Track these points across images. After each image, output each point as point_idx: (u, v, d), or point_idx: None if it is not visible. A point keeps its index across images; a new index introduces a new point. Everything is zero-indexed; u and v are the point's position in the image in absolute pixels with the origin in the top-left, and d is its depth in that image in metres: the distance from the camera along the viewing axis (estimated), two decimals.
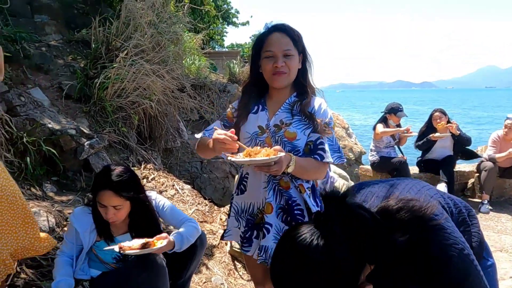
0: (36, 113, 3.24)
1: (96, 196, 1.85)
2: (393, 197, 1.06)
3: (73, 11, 5.53)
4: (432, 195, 1.11)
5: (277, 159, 1.43)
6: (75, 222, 1.92)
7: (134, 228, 1.98)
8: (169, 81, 4.62)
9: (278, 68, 1.61)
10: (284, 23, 1.69)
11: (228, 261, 3.06)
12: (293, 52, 1.63)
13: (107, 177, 1.83)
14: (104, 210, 1.84)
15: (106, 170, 1.89)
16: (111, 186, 1.81)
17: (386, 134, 4.99)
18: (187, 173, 5.37)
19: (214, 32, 16.45)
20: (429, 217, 0.99)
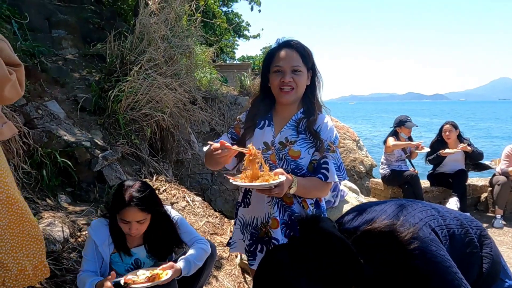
0: (53, 125, 3.33)
1: (117, 214, 1.86)
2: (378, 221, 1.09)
3: (89, 26, 5.68)
4: (422, 218, 1.12)
5: (277, 183, 1.45)
6: (94, 235, 1.92)
7: (149, 240, 2.00)
8: (181, 94, 4.69)
9: (286, 83, 1.63)
10: (295, 40, 1.71)
11: (238, 274, 3.07)
12: (301, 69, 1.65)
13: (129, 194, 1.84)
14: (127, 226, 1.85)
15: (126, 187, 1.88)
16: (135, 203, 1.82)
17: (397, 147, 4.97)
18: (197, 185, 5.41)
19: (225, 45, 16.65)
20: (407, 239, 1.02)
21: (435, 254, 1.01)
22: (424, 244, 1.02)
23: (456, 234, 1.13)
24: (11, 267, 1.75)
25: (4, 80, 1.57)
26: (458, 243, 1.11)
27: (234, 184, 1.50)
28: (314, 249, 0.96)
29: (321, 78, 1.76)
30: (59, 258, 2.36)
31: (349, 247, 0.99)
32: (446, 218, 1.16)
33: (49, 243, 2.40)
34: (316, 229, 1.00)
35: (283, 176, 1.48)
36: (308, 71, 1.70)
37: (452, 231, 1.13)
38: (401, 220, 1.07)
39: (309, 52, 1.71)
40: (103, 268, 1.97)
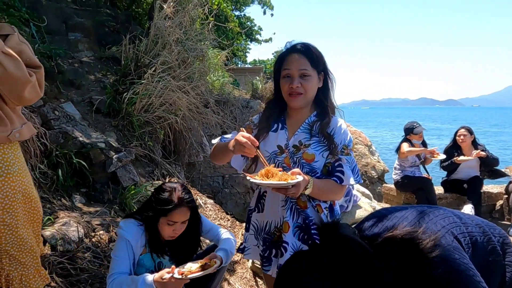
0: (69, 126, 3.37)
1: (165, 216, 1.84)
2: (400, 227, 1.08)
3: (105, 29, 5.77)
4: (445, 225, 1.10)
5: (295, 183, 1.44)
6: (127, 234, 1.86)
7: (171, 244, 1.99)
8: (194, 97, 4.73)
9: (294, 88, 1.64)
10: (304, 43, 1.70)
11: (250, 277, 3.06)
12: (310, 73, 1.64)
13: (177, 195, 1.85)
14: (172, 228, 1.86)
15: (171, 189, 1.88)
16: (187, 202, 1.86)
17: (412, 153, 4.91)
18: (208, 188, 5.43)
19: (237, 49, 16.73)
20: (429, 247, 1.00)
21: (459, 262, 0.99)
22: (447, 252, 1.00)
23: (478, 242, 1.11)
24: (28, 265, 1.77)
25: (24, 82, 1.60)
26: (480, 251, 1.09)
27: (252, 181, 1.50)
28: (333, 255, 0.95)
29: (334, 79, 1.75)
30: (74, 258, 2.39)
31: (370, 254, 0.98)
32: (468, 225, 1.13)
33: (64, 243, 2.43)
34: (336, 235, 0.99)
35: (301, 176, 1.48)
36: (319, 73, 1.69)
37: (474, 238, 1.11)
38: (423, 227, 1.06)
39: (319, 54, 1.69)
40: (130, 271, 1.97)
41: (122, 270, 1.80)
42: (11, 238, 1.68)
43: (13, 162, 1.67)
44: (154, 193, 1.93)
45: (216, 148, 1.81)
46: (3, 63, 1.51)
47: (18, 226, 1.70)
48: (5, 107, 1.65)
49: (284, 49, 1.75)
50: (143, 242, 1.93)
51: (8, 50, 1.54)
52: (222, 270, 2.20)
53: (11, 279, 1.73)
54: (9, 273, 1.72)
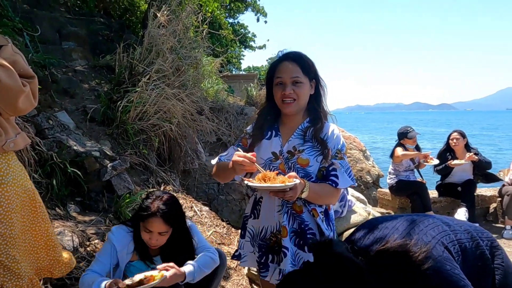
0: (63, 135, 3.37)
1: (142, 222, 1.88)
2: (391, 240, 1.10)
3: (98, 38, 5.79)
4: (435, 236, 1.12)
5: (292, 185, 1.47)
6: (115, 239, 1.93)
7: (166, 251, 2.00)
8: (188, 104, 4.74)
9: (286, 95, 1.67)
10: (296, 52, 1.75)
11: (246, 284, 3.06)
12: (302, 80, 1.68)
13: (156, 205, 1.86)
14: (148, 236, 1.88)
15: (155, 197, 1.92)
16: (161, 214, 1.85)
17: (406, 157, 4.95)
18: (204, 195, 5.42)
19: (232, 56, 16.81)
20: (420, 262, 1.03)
21: (450, 273, 1.01)
22: (439, 263, 1.02)
23: (468, 248, 1.13)
24: (22, 276, 1.77)
25: (18, 92, 1.61)
26: (470, 257, 1.11)
27: (250, 185, 1.53)
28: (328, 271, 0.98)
29: (325, 86, 1.80)
30: None
31: (362, 269, 1.01)
32: (457, 232, 1.16)
33: None
34: (330, 253, 1.02)
35: (298, 179, 1.51)
36: (310, 80, 1.73)
37: (464, 245, 1.13)
38: (414, 239, 1.08)
39: (310, 62, 1.74)
40: (117, 275, 1.97)
41: (96, 270, 1.86)
42: (5, 249, 1.68)
43: (7, 172, 1.67)
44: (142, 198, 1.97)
45: (217, 168, 1.84)
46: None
47: (13, 236, 1.70)
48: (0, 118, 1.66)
49: (276, 57, 1.79)
50: (131, 248, 1.95)
51: (2, 61, 1.55)
52: (219, 276, 2.21)
53: None
54: (3, 284, 1.72)
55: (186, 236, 2.02)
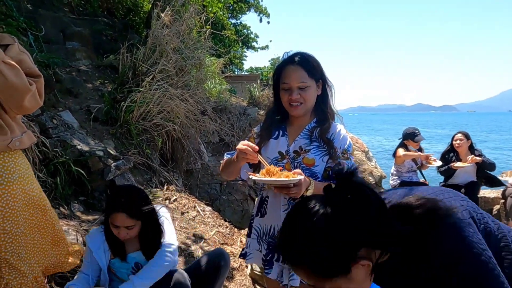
0: (67, 135, 3.38)
1: (108, 217, 1.90)
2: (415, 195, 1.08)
3: (102, 38, 5.81)
4: (463, 204, 1.08)
5: (296, 181, 1.48)
6: (90, 242, 1.99)
7: (145, 244, 2.01)
8: (191, 104, 4.75)
9: (293, 100, 1.69)
10: (301, 54, 1.74)
11: (249, 284, 3.06)
12: (308, 84, 1.69)
13: (119, 200, 1.87)
14: (116, 230, 1.90)
15: (118, 192, 1.94)
16: (124, 209, 1.85)
17: (408, 157, 4.94)
18: (206, 195, 5.43)
19: (234, 56, 16.81)
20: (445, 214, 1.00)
21: (472, 235, 0.98)
22: (462, 224, 1.00)
23: (492, 234, 1.09)
24: (27, 274, 1.78)
25: (24, 91, 1.62)
26: (493, 243, 1.07)
27: (254, 179, 1.53)
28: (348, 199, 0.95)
29: (332, 86, 1.80)
30: None
31: (383, 201, 0.98)
32: (485, 216, 1.12)
33: None
34: (352, 180, 0.99)
35: (302, 176, 1.52)
36: (317, 81, 1.73)
37: (489, 229, 1.09)
38: (441, 200, 1.05)
39: (315, 63, 1.73)
40: (103, 276, 2.01)
41: (85, 272, 1.99)
42: (10, 247, 1.69)
43: (13, 170, 1.68)
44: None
45: (223, 164, 1.86)
46: (4, 72, 1.53)
47: (18, 234, 1.71)
48: (5, 116, 1.67)
49: (282, 59, 1.79)
50: (107, 246, 1.98)
51: (8, 60, 1.56)
52: (223, 274, 2.21)
53: None
54: (8, 282, 1.72)
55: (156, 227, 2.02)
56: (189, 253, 3.05)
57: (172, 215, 3.52)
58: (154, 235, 2.00)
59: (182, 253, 2.98)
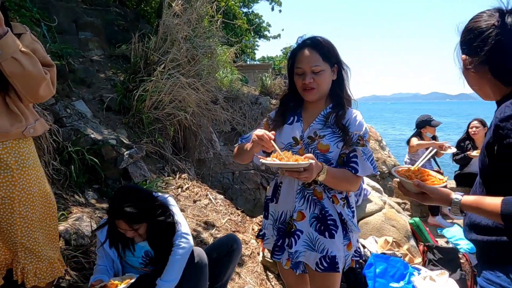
0: (80, 124, 3.42)
1: (113, 220, 1.94)
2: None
3: (114, 28, 5.83)
4: None
5: (306, 165, 1.45)
6: (100, 236, 2.04)
7: (152, 238, 2.03)
8: (203, 93, 4.75)
9: (306, 84, 1.66)
10: (315, 37, 1.71)
11: (261, 271, 3.08)
12: (322, 67, 1.66)
13: (120, 208, 1.88)
14: (123, 231, 1.94)
15: (120, 198, 1.93)
16: (125, 217, 1.88)
17: (421, 146, 4.87)
18: (219, 184, 5.46)
19: (246, 46, 16.73)
20: None
21: None
22: None
23: None
24: (43, 258, 1.81)
25: (40, 79, 1.64)
26: None
27: (264, 162, 1.52)
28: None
29: (348, 70, 1.76)
30: (87, 252, 2.44)
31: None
32: None
33: (77, 237, 2.48)
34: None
35: (313, 160, 1.49)
36: (332, 66, 1.70)
37: None
38: None
39: (330, 47, 1.70)
40: (116, 266, 2.05)
41: (101, 263, 2.03)
42: (26, 231, 1.72)
43: (28, 156, 1.72)
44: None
45: (237, 148, 1.85)
46: (21, 61, 1.55)
47: (34, 219, 1.74)
48: (20, 104, 1.70)
49: (295, 44, 1.76)
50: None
51: (25, 49, 1.58)
52: (236, 257, 2.25)
53: (26, 272, 1.77)
54: (25, 266, 1.76)
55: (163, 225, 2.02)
56: (200, 240, 3.08)
57: (184, 203, 3.55)
58: (161, 231, 2.02)
59: (194, 240, 3.00)
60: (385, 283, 2.83)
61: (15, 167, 1.65)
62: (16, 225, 1.68)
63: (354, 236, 1.79)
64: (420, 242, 3.65)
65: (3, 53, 1.49)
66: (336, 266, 1.68)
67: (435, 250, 3.31)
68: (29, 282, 1.77)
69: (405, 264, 3.03)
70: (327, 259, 1.68)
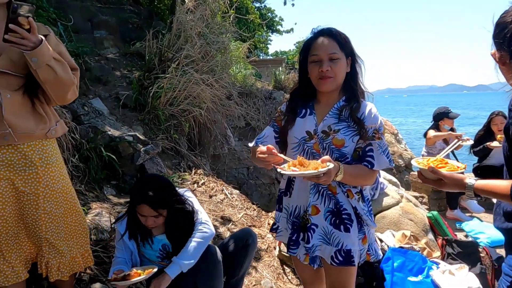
0: (98, 121, 3.48)
1: (134, 207, 1.96)
2: None
3: (128, 25, 5.88)
4: None
5: (326, 171, 1.41)
6: (119, 228, 2.07)
7: (171, 230, 2.06)
8: (217, 89, 4.77)
9: (324, 72, 1.61)
10: (330, 27, 1.69)
11: (277, 265, 3.09)
12: (339, 56, 1.63)
13: (144, 192, 1.91)
14: (144, 219, 1.95)
15: (143, 183, 1.98)
16: (148, 201, 1.90)
17: (438, 138, 4.80)
18: (234, 179, 5.48)
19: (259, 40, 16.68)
20: None
21: None
22: None
23: None
24: (65, 253, 1.86)
25: (70, 84, 1.71)
26: None
27: (283, 173, 1.48)
28: None
29: (362, 63, 1.73)
30: (107, 246, 2.48)
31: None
32: None
33: (97, 232, 2.53)
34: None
35: (331, 163, 1.45)
36: (347, 57, 1.67)
37: None
38: None
39: (346, 38, 1.68)
40: (134, 258, 2.08)
41: (120, 256, 2.06)
42: (50, 227, 1.77)
43: (52, 153, 1.76)
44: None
45: (253, 151, 1.79)
46: (55, 68, 1.60)
47: (57, 215, 1.79)
48: (45, 106, 1.77)
49: (310, 35, 1.73)
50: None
51: (56, 55, 1.63)
52: (251, 252, 2.25)
53: (50, 266, 1.82)
54: (48, 261, 1.81)
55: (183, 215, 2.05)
56: (217, 235, 3.10)
57: (200, 198, 3.58)
58: (179, 222, 2.04)
59: None
60: (403, 277, 2.80)
61: (39, 164, 1.70)
62: (40, 220, 1.73)
63: (371, 230, 1.78)
64: (439, 236, 3.60)
65: (39, 61, 1.54)
66: (352, 260, 1.68)
67: (454, 244, 3.26)
68: (52, 276, 1.82)
69: (424, 258, 3.00)
70: (342, 253, 1.67)
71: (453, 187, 1.35)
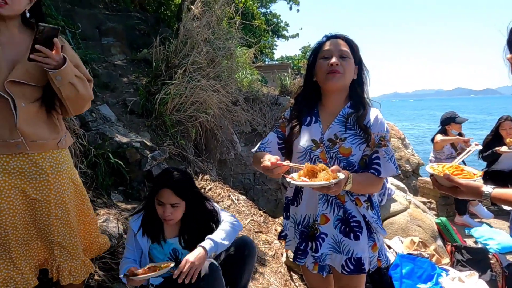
0: (105, 127, 3.51)
1: (155, 195, 1.99)
2: None
3: (135, 32, 5.94)
4: None
5: (336, 182, 1.38)
6: (133, 225, 2.08)
7: (185, 232, 2.07)
8: (223, 95, 4.78)
9: (333, 66, 1.60)
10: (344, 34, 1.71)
11: (284, 272, 3.08)
12: (349, 55, 1.64)
13: (167, 177, 1.98)
14: (162, 208, 1.97)
15: (166, 171, 2.04)
16: (170, 185, 1.94)
17: (445, 142, 4.77)
18: (240, 185, 5.48)
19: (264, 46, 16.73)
20: None
21: None
22: None
23: None
24: (77, 257, 1.87)
25: (89, 99, 1.79)
26: None
27: (293, 183, 1.46)
28: None
29: (368, 75, 1.74)
30: (115, 253, 2.49)
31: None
32: None
33: None
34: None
35: (342, 174, 1.43)
36: (355, 64, 1.68)
37: None
38: None
39: (357, 47, 1.70)
40: (143, 260, 2.07)
41: (129, 256, 2.05)
42: (62, 231, 1.79)
43: (62, 161, 1.79)
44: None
45: (255, 158, 1.79)
46: (76, 85, 1.67)
47: (69, 220, 1.81)
48: (59, 116, 1.82)
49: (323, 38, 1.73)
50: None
51: (78, 73, 1.69)
52: (249, 263, 2.19)
53: (61, 270, 1.83)
54: (60, 264, 1.82)
55: (201, 211, 2.07)
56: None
57: None
58: (195, 220, 2.05)
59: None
60: (412, 284, 2.78)
61: (50, 171, 1.73)
62: (53, 225, 1.76)
63: (380, 237, 1.77)
64: (448, 242, 3.57)
65: (62, 79, 1.60)
66: (363, 268, 1.66)
67: (463, 251, 3.23)
68: (64, 280, 1.83)
69: (433, 264, 2.97)
70: (352, 260, 1.66)
71: (469, 195, 1.32)
